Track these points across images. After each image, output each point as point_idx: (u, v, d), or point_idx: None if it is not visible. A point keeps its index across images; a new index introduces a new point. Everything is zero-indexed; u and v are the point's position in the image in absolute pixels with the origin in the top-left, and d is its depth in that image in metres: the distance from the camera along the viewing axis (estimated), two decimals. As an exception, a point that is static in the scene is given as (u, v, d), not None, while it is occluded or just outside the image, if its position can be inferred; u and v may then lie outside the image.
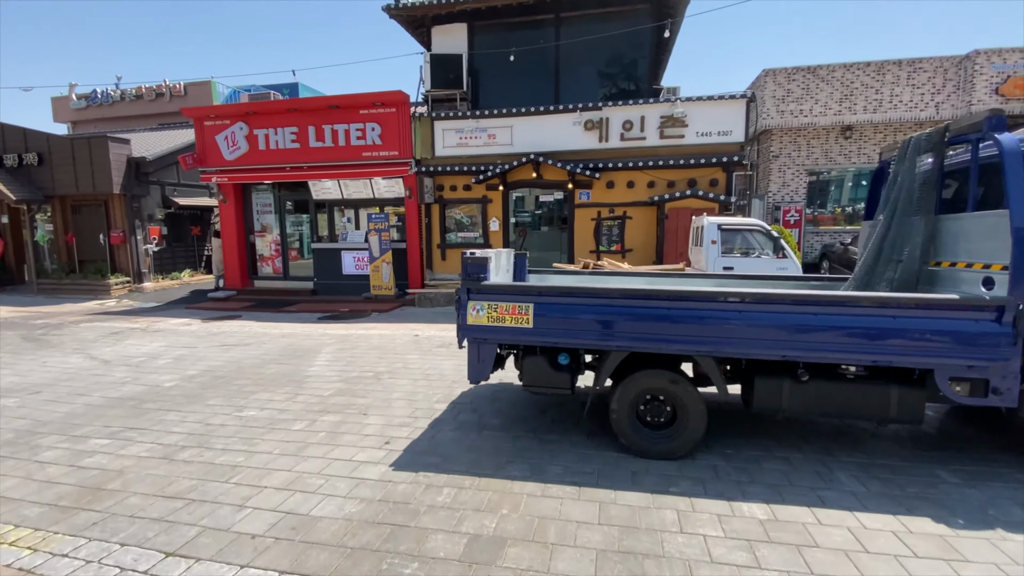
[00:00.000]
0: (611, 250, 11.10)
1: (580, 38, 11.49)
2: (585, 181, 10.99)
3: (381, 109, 11.55)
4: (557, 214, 11.91)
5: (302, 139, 12.10)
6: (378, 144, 11.66)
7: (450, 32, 11.83)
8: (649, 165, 10.50)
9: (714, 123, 10.26)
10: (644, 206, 10.85)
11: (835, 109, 12.66)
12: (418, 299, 11.31)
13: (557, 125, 10.87)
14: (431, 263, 12.12)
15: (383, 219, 11.61)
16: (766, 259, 7.26)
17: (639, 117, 10.49)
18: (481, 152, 11.31)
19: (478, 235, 11.87)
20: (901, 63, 12.25)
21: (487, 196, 11.59)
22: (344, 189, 12.44)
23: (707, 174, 10.50)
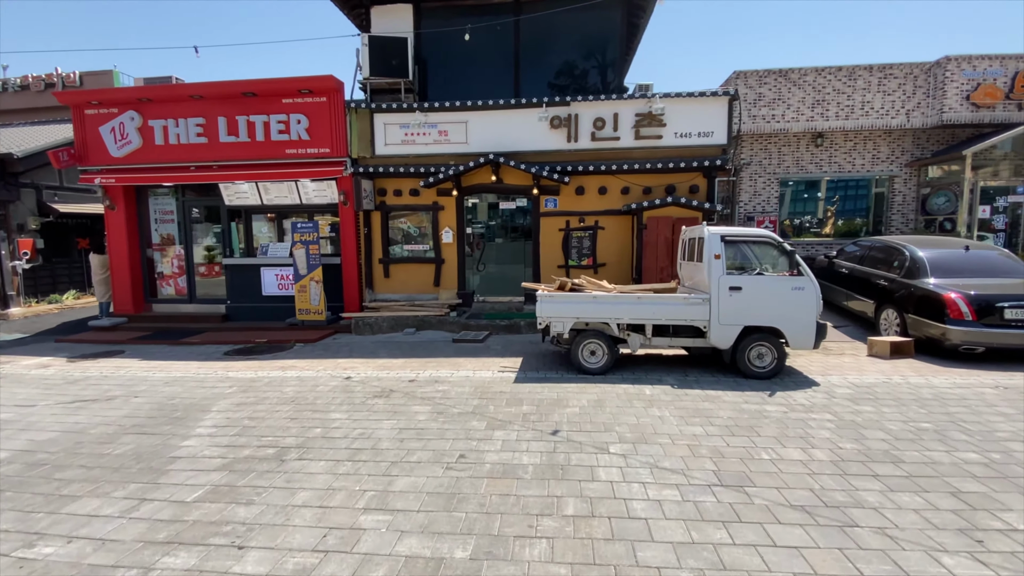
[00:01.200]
0: (581, 264, 9.71)
1: (542, 26, 10.14)
2: (552, 186, 9.57)
3: (309, 98, 9.66)
4: (520, 223, 10.41)
5: (210, 133, 9.97)
6: (305, 140, 9.74)
7: (393, 14, 10.16)
8: (624, 169, 9.23)
9: (694, 123, 9.15)
10: (618, 215, 9.56)
11: (807, 115, 12.04)
12: (355, 325, 9.41)
13: (520, 122, 9.41)
14: (371, 281, 10.26)
15: (311, 229, 9.65)
16: (780, 277, 6.02)
17: (612, 114, 9.22)
18: (431, 151, 9.65)
19: (428, 248, 10.15)
20: (872, 68, 11.80)
21: (438, 202, 9.92)
22: (264, 193, 10.37)
23: (687, 179, 9.36)
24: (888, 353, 7.18)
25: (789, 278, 6.00)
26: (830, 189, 12.93)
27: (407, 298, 10.16)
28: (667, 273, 8.85)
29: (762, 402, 5.22)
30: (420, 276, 10.13)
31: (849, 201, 13.21)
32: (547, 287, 7.03)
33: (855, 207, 13.23)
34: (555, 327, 6.30)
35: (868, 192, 12.98)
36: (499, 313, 9.60)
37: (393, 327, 9.43)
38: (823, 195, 12.97)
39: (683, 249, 7.36)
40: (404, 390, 5.79)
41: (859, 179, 12.76)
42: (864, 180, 12.73)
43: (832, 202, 12.94)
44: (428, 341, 8.65)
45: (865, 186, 12.93)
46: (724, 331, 6.07)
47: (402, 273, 10.18)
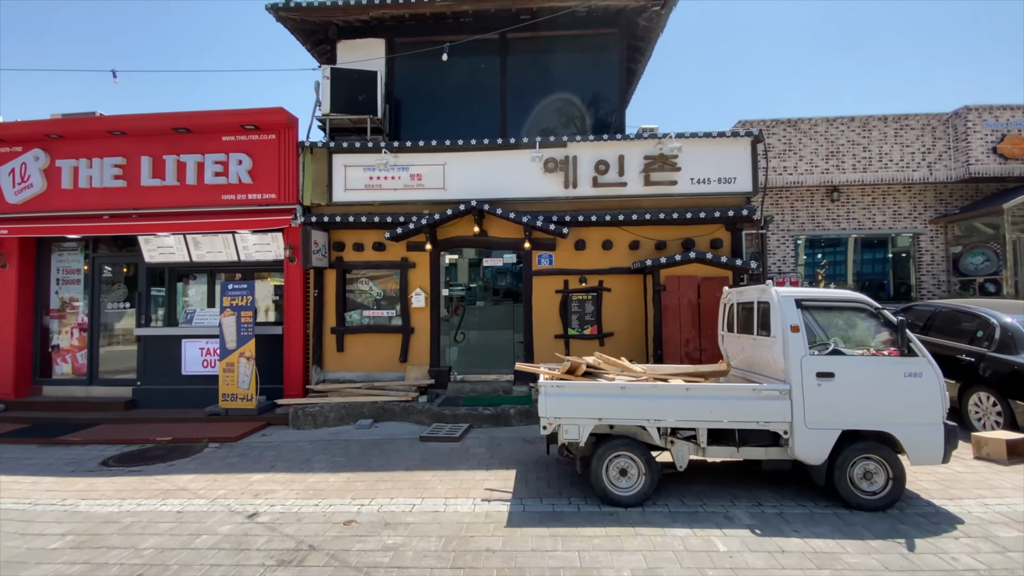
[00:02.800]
0: (584, 333, 7.86)
1: (532, 65, 8.96)
2: (546, 240, 7.90)
3: (254, 135, 8.03)
4: (508, 284, 8.63)
5: (131, 175, 8.17)
6: (246, 183, 7.99)
7: (362, 48, 8.87)
8: (632, 220, 7.66)
9: (713, 167, 7.75)
10: (627, 274, 7.87)
11: (822, 167, 10.97)
12: (294, 416, 7.21)
13: (508, 165, 7.90)
14: (321, 357, 8.16)
15: (244, 291, 7.66)
16: (885, 358, 4.24)
17: (616, 157, 7.78)
18: (401, 198, 7.98)
19: (394, 313, 8.20)
20: (887, 119, 10.94)
21: (408, 259, 8.11)
22: (193, 248, 8.44)
23: (707, 232, 7.82)
24: (1005, 455, 5.34)
25: (898, 359, 4.22)
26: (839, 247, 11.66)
27: (365, 378, 8.05)
28: (694, 346, 7.04)
29: (911, 568, 3.23)
30: (383, 349, 8.09)
31: (867, 264, 11.93)
32: (549, 369, 5.10)
33: (873, 270, 11.94)
34: (567, 432, 4.30)
35: (885, 252, 11.75)
36: (482, 397, 7.54)
37: (343, 418, 7.24)
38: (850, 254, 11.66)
39: (725, 317, 5.59)
40: (331, 548, 3.62)
41: (881, 236, 11.54)
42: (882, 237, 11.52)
43: (820, 265, 11.67)
44: (387, 439, 6.49)
45: (883, 244, 11.72)
46: (814, 438, 4.16)
47: (360, 346, 8.14)
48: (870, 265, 11.96)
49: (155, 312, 8.82)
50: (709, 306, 7.06)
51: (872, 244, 11.77)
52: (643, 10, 8.37)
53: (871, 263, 11.98)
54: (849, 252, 11.73)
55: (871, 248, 11.85)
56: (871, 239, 11.61)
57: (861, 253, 11.78)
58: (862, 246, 11.73)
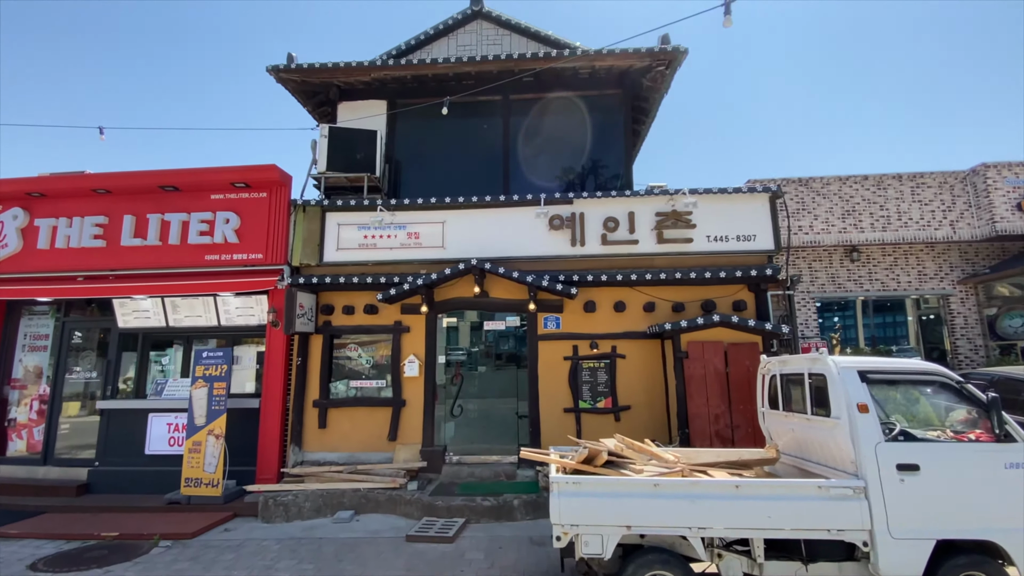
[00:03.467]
0: (596, 406, 6.99)
1: (536, 125, 8.76)
2: (553, 301, 7.26)
3: (244, 193, 7.65)
4: (511, 350, 7.89)
5: (111, 235, 7.72)
6: (233, 243, 7.50)
7: (363, 110, 8.75)
8: (646, 279, 7.05)
9: (730, 224, 7.25)
10: (643, 339, 7.14)
11: (838, 226, 10.53)
12: (263, 506, 6.23)
13: (511, 222, 7.42)
14: (300, 434, 7.26)
15: (220, 360, 6.94)
16: (979, 445, 3.42)
17: (626, 213, 7.31)
18: (396, 257, 7.44)
19: (384, 383, 7.39)
20: (901, 177, 10.64)
21: (402, 322, 7.43)
22: (171, 312, 7.82)
23: (729, 294, 7.17)
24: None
25: (994, 447, 3.40)
26: (880, 310, 10.97)
27: (348, 459, 7.10)
28: (724, 423, 6.16)
29: None
30: (370, 426, 7.21)
31: (888, 327, 11.21)
32: (561, 456, 4.24)
33: (896, 333, 11.19)
34: (587, 544, 3.40)
35: (903, 314, 11.06)
36: (481, 484, 6.55)
37: (320, 508, 6.25)
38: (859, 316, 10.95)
39: (765, 391, 4.79)
40: None
41: (897, 298, 10.88)
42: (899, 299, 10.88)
43: (835, 329, 10.97)
44: (368, 537, 5.47)
45: (899, 306, 11.05)
46: (903, 552, 3.25)
47: (345, 422, 7.26)
48: (883, 328, 11.23)
49: (123, 383, 8.03)
50: (739, 376, 6.26)
51: (885, 307, 11.11)
52: (647, 71, 8.26)
53: (886, 326, 11.26)
54: (857, 314, 11.05)
55: (885, 311, 11.17)
56: (884, 301, 10.97)
57: (872, 316, 11.09)
58: (874, 309, 11.06)
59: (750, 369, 6.26)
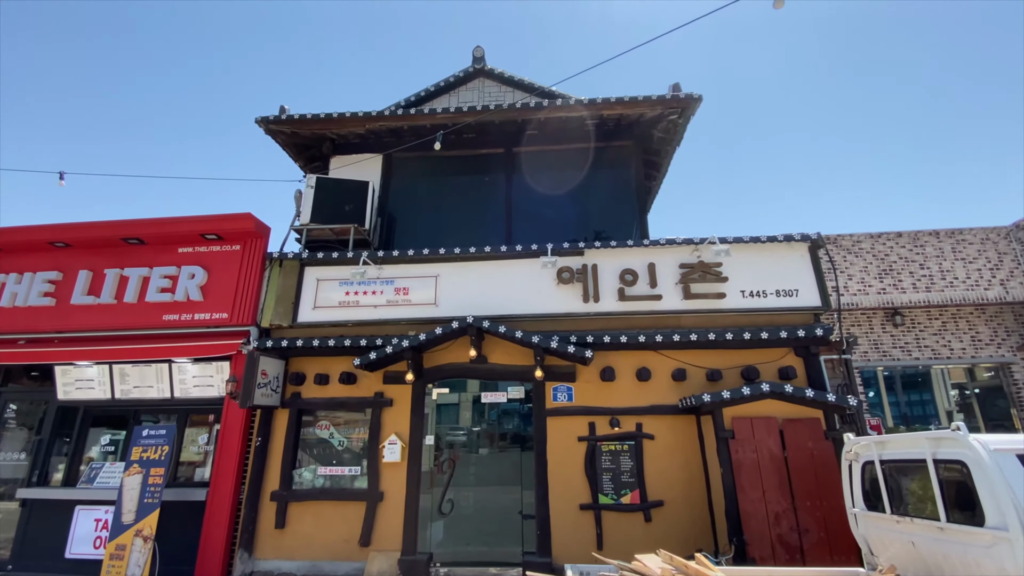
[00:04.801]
0: (620, 502, 5.60)
1: (540, 178, 8.13)
2: (564, 368, 6.13)
3: (216, 246, 6.86)
4: (515, 427, 6.63)
5: (62, 292, 6.85)
6: (196, 301, 6.58)
7: (357, 165, 8.17)
8: (673, 342, 5.96)
9: (767, 277, 6.28)
10: (673, 414, 5.90)
11: (876, 286, 9.54)
12: (186, 640, 4.72)
13: (513, 277, 6.50)
14: (252, 537, 5.84)
15: (161, 439, 5.74)
16: None
17: (646, 265, 6.39)
18: (381, 316, 6.45)
19: (358, 471, 6.07)
20: (939, 234, 9.81)
21: (383, 394, 6.27)
22: (119, 381, 6.73)
23: (772, 359, 6.03)
24: None
25: None
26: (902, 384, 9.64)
27: (310, 568, 5.63)
28: (788, 525, 4.77)
29: None
30: (338, 526, 5.80)
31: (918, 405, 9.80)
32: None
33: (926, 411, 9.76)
34: None
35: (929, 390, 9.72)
36: (475, 607, 5.05)
37: (261, 644, 4.73)
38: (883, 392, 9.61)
39: (854, 484, 3.54)
40: None
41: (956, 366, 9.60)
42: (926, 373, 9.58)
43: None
44: None
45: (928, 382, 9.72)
46: None
47: (308, 520, 5.87)
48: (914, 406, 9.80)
49: (56, 465, 6.76)
50: (800, 462, 4.96)
51: (915, 382, 9.76)
52: (659, 120, 7.73)
53: (919, 403, 9.83)
54: (881, 388, 9.69)
55: (914, 386, 9.80)
56: (914, 376, 9.68)
57: (901, 392, 9.72)
58: (902, 384, 9.72)
59: (814, 453, 4.98)
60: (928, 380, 9.78)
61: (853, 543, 4.68)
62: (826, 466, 4.93)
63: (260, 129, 7.92)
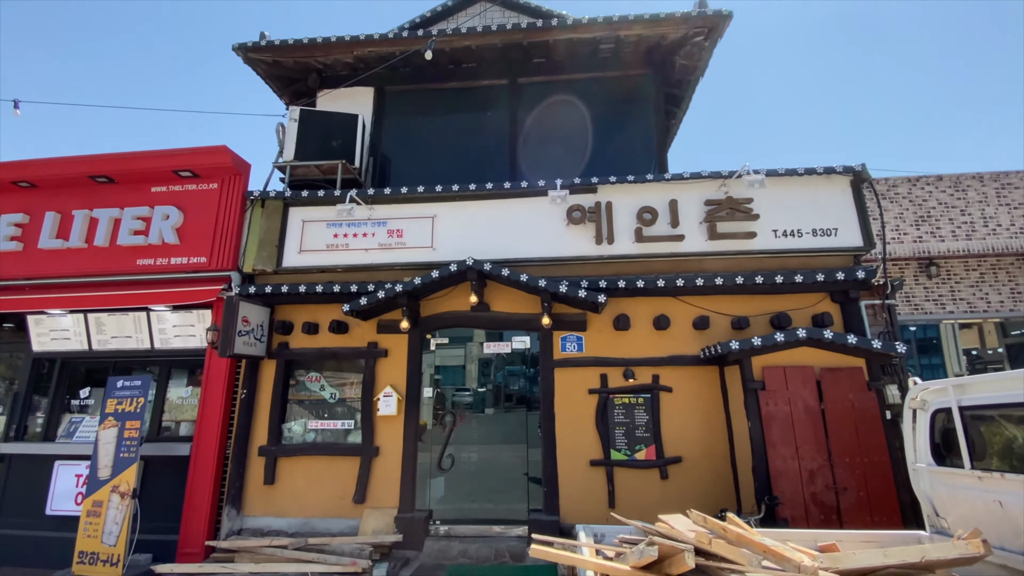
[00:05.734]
0: (635, 458, 5.15)
1: (548, 111, 7.35)
2: (574, 317, 5.57)
3: (191, 184, 6.24)
4: (520, 380, 6.15)
5: (29, 236, 6.31)
6: (171, 244, 6.03)
7: (347, 98, 7.41)
8: (696, 286, 5.36)
9: (803, 215, 5.61)
10: (694, 365, 5.37)
11: (912, 235, 8.82)
12: (167, 600, 4.42)
13: (519, 216, 5.87)
14: (240, 493, 5.49)
15: (135, 391, 5.31)
16: None
17: (665, 203, 5.72)
18: (373, 260, 5.88)
19: (352, 425, 5.65)
20: (982, 177, 9.00)
21: (378, 344, 5.77)
22: (96, 332, 6.27)
23: (805, 305, 5.43)
24: None
25: None
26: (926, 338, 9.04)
27: (302, 527, 5.29)
28: (824, 483, 4.29)
29: None
30: (331, 482, 5.42)
31: (928, 371, 9.19)
32: (598, 550, 2.45)
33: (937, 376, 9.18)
34: None
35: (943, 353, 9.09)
36: (477, 570, 4.67)
37: (247, 605, 4.41)
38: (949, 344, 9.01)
39: (922, 434, 3.00)
40: None
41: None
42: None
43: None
44: (301, 662, 3.62)
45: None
46: None
47: (299, 476, 5.49)
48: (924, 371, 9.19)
49: (36, 418, 6.42)
50: (840, 414, 4.44)
51: (930, 345, 9.08)
52: (682, 44, 6.86)
53: (924, 368, 9.21)
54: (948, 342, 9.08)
55: (923, 352, 9.15)
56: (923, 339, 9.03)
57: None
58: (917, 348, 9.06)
59: (854, 405, 4.46)
60: (939, 344, 9.12)
61: (895, 502, 4.22)
62: (868, 419, 4.41)
63: (245, 65, 7.16)
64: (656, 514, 4.87)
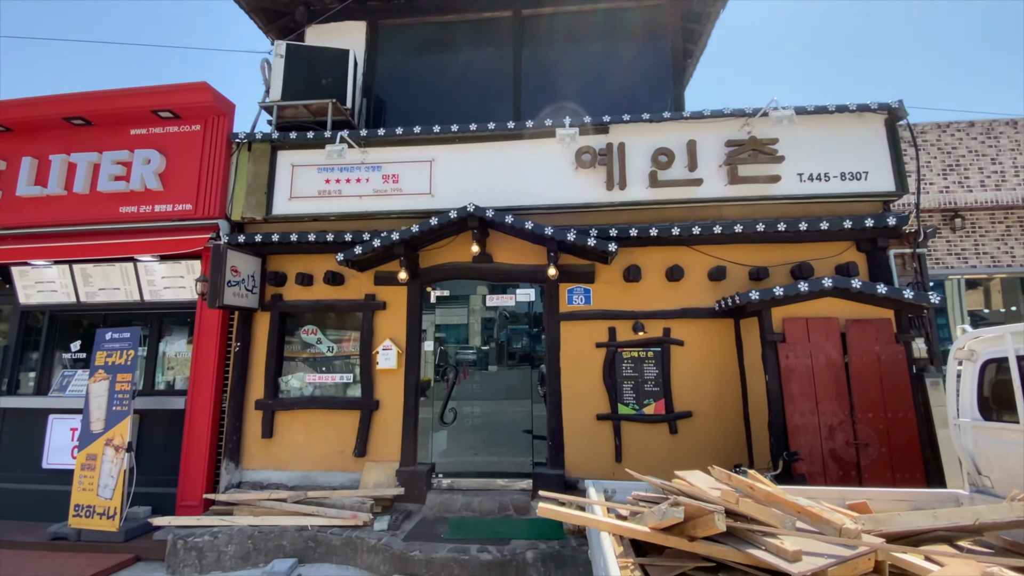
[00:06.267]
0: (643, 412, 4.97)
1: (555, 49, 6.77)
2: (581, 268, 5.26)
3: (172, 126, 5.83)
4: (523, 337, 5.91)
5: (7, 183, 5.97)
6: (154, 191, 5.68)
7: (338, 34, 6.83)
8: (713, 234, 5.02)
9: (831, 158, 5.18)
10: (707, 318, 5.10)
11: (939, 184, 8.34)
12: (173, 549, 4.36)
13: (524, 160, 5.46)
14: (238, 447, 5.37)
15: (124, 343, 5.11)
16: None
17: (683, 144, 5.28)
18: (367, 208, 5.53)
19: (351, 379, 5.47)
20: (1017, 124, 8.42)
21: (375, 296, 5.51)
22: (82, 284, 6.02)
23: (829, 254, 5.09)
24: None
25: None
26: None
27: (302, 480, 5.20)
28: (844, 438, 4.10)
29: None
30: (331, 436, 5.29)
31: None
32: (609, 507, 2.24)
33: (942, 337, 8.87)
34: None
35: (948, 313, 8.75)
36: (480, 523, 4.58)
37: (248, 556, 4.34)
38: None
39: (973, 386, 2.74)
40: None
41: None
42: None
43: None
44: (301, 614, 3.55)
45: None
46: None
47: (298, 430, 5.35)
48: None
49: (29, 371, 6.27)
50: (865, 368, 4.19)
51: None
52: (704, -32, 6.21)
53: None
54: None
55: None
56: None
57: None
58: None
59: (880, 358, 4.20)
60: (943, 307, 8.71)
61: (919, 459, 4.03)
62: (894, 373, 4.16)
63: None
64: (665, 469, 4.73)
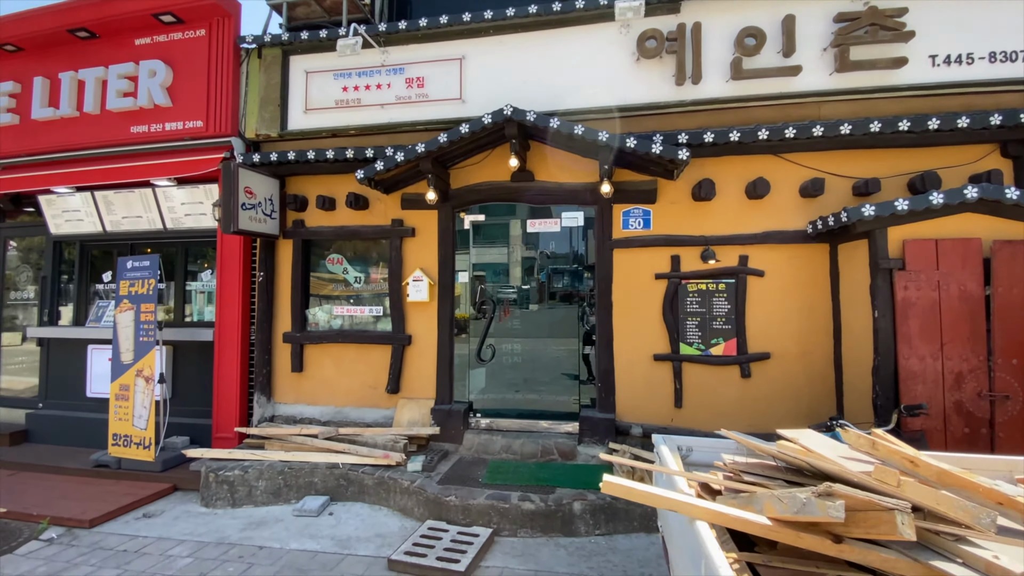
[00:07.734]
0: (709, 353, 4.27)
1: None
2: (640, 186, 4.42)
3: (176, 32, 5.22)
4: (569, 269, 5.22)
5: (23, 107, 5.67)
6: (163, 106, 5.18)
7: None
8: (811, 137, 4.00)
9: (976, 35, 3.94)
10: (796, 243, 4.21)
11: None
12: (206, 481, 4.23)
13: (572, 51, 4.51)
14: (269, 380, 5.14)
15: (144, 271, 4.83)
16: None
17: (777, 22, 4.16)
18: (390, 119, 4.82)
19: (380, 311, 5.03)
20: None
21: (402, 221, 4.92)
22: (105, 212, 5.76)
23: (963, 161, 3.99)
24: None
25: None
26: None
27: (335, 415, 4.94)
28: (977, 388, 3.27)
29: None
30: (362, 371, 4.94)
31: None
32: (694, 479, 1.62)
33: None
34: None
35: None
36: (521, 467, 4.15)
37: (279, 491, 4.15)
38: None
39: None
40: None
41: None
42: None
43: None
44: (332, 555, 3.29)
45: None
46: None
47: (328, 364, 5.04)
48: None
49: (66, 302, 6.27)
50: (1016, 303, 3.26)
51: None
52: None
53: None
54: None
55: None
56: None
57: None
58: None
59: (1038, 290, 3.24)
60: None
61: (1076, 417, 3.16)
62: (1054, 310, 3.22)
63: None
64: (735, 418, 4.09)
